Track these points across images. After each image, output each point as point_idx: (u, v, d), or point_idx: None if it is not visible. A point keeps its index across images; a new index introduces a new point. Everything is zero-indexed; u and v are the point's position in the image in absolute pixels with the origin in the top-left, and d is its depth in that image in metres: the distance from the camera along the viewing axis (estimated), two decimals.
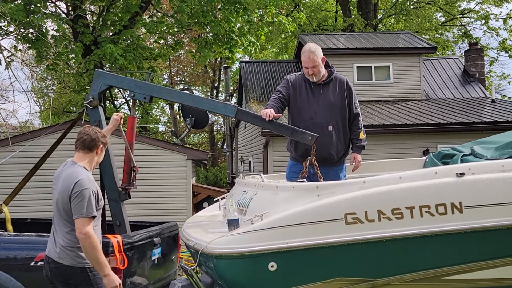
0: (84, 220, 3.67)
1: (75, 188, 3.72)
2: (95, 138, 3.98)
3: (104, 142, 4.07)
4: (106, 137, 4.11)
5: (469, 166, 3.89)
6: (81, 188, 3.72)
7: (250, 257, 3.62)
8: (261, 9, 16.00)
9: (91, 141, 3.97)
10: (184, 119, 5.93)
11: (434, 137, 13.25)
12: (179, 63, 33.88)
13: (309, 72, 5.00)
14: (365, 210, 3.61)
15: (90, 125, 4.32)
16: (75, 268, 3.77)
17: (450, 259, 3.73)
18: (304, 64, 5.01)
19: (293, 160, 5.26)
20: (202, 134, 37.48)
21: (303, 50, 5.04)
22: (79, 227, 3.65)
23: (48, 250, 3.91)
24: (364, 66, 15.97)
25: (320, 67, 5.02)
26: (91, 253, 3.68)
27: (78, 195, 3.70)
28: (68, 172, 3.87)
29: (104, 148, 4.11)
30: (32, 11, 12.77)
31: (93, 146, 3.98)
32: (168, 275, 5.75)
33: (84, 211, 3.67)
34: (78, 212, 3.68)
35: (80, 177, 3.78)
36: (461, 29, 27.17)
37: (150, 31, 15.30)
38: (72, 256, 3.77)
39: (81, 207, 3.68)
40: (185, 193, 11.09)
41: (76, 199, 3.70)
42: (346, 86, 5.17)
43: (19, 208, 8.72)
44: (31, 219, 6.87)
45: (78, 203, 3.69)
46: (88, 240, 3.64)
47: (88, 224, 3.67)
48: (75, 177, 3.78)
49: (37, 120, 32.56)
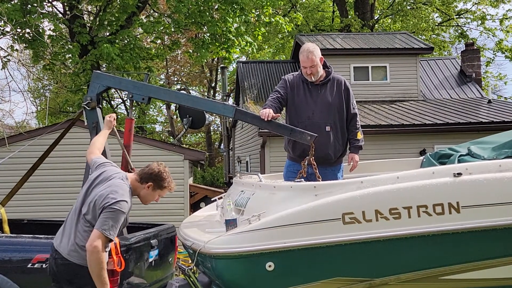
0: (102, 236, 3.57)
1: (115, 205, 3.62)
2: (157, 177, 3.90)
3: (161, 186, 3.95)
4: (166, 188, 4.00)
5: (466, 166, 3.90)
6: (120, 208, 3.63)
7: (248, 257, 3.62)
8: (258, 9, 16.00)
9: (150, 175, 3.90)
10: (181, 119, 5.92)
11: (431, 137, 13.28)
12: (176, 63, 33.84)
13: (308, 71, 5.00)
14: (363, 210, 3.62)
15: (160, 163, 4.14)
16: (83, 267, 3.67)
17: (448, 259, 3.73)
18: (303, 63, 5.01)
19: (290, 160, 5.26)
20: (199, 134, 37.47)
21: (302, 49, 5.03)
22: (93, 239, 3.56)
23: (57, 244, 3.79)
24: (361, 66, 15.99)
25: (318, 67, 5.02)
26: (94, 269, 3.58)
27: (113, 212, 3.60)
28: (117, 183, 3.78)
29: (155, 192, 3.97)
30: (28, 11, 12.75)
31: (148, 180, 3.90)
32: (165, 277, 5.74)
33: (108, 229, 3.58)
34: (101, 225, 3.58)
35: (125, 199, 3.70)
36: (458, 30, 27.23)
37: (147, 31, 15.27)
38: (83, 255, 3.67)
39: (108, 224, 3.58)
40: (182, 193, 11.07)
41: (108, 214, 3.60)
42: (344, 86, 5.16)
43: (16, 209, 8.70)
44: (28, 220, 6.85)
45: (107, 218, 3.59)
46: (95, 255, 3.55)
47: (102, 242, 3.57)
48: (120, 195, 3.69)
49: (33, 120, 32.51)
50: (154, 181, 3.93)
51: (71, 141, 9.28)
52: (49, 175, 9.95)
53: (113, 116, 4.78)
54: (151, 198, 4.00)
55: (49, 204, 10.11)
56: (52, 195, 10.27)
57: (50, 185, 10.30)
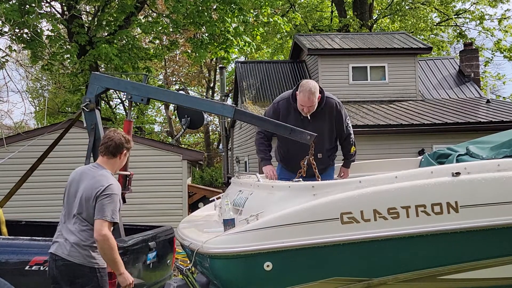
0: (106, 223, 3.70)
1: (107, 190, 3.76)
2: (120, 144, 3.99)
3: (128, 147, 4.08)
4: (130, 142, 4.11)
5: (464, 165, 3.90)
6: (112, 192, 3.78)
7: (246, 256, 3.61)
8: (257, 9, 16.00)
9: (115, 147, 3.98)
10: (179, 119, 5.91)
11: (429, 137, 13.28)
12: (174, 63, 33.82)
13: (304, 110, 4.94)
14: (361, 210, 3.62)
15: (115, 129, 4.28)
16: (84, 266, 3.76)
17: (446, 258, 3.73)
18: (302, 102, 4.90)
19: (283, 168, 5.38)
20: (197, 134, 37.44)
21: (303, 88, 4.87)
22: (99, 229, 3.67)
23: (55, 248, 3.86)
24: (359, 66, 15.98)
25: (315, 106, 4.95)
26: (109, 254, 3.71)
27: (107, 197, 3.73)
28: (98, 173, 3.89)
29: (127, 153, 4.12)
30: (26, 11, 12.74)
31: (117, 152, 3.99)
32: (164, 278, 5.73)
33: (109, 214, 3.71)
34: (101, 213, 3.70)
35: (112, 182, 3.84)
36: (456, 30, 27.23)
37: (145, 31, 15.28)
38: (84, 254, 3.77)
39: (107, 210, 3.71)
40: (180, 194, 11.06)
41: (104, 201, 3.72)
42: (336, 110, 5.11)
43: (14, 210, 8.69)
44: (26, 222, 6.83)
45: (104, 205, 3.72)
46: (107, 242, 3.67)
47: (109, 228, 3.71)
48: (105, 180, 3.82)
49: (32, 121, 32.47)
50: (125, 148, 4.04)
51: (70, 142, 9.27)
52: (48, 175, 9.92)
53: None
54: (125, 160, 4.16)
55: (48, 205, 10.08)
56: (50, 195, 10.22)
57: (49, 185, 10.27)
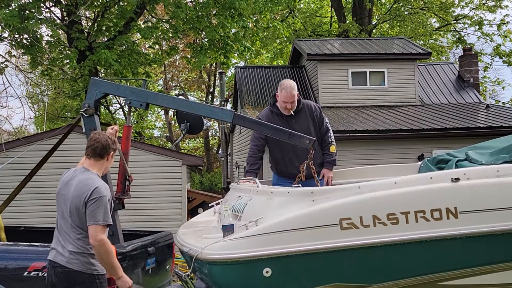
0: (99, 227, 3.66)
1: (93, 194, 3.71)
2: (106, 146, 3.97)
3: (115, 148, 4.07)
4: (116, 143, 4.11)
5: (464, 171, 3.89)
6: (99, 195, 3.72)
7: (245, 263, 3.60)
8: (256, 15, 16.03)
9: (102, 149, 3.96)
10: (179, 124, 5.91)
11: (429, 143, 13.27)
12: (174, 68, 33.83)
13: (288, 106, 5.22)
14: (360, 216, 3.61)
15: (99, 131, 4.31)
16: (84, 273, 3.74)
17: (446, 264, 3.72)
18: (285, 99, 5.20)
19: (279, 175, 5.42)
20: (197, 139, 37.43)
21: (284, 86, 5.22)
22: (94, 234, 3.64)
23: (54, 256, 3.84)
24: (359, 71, 15.99)
25: (296, 102, 5.26)
26: (106, 259, 3.69)
27: (95, 202, 3.69)
28: (82, 178, 3.85)
29: (114, 154, 4.11)
30: (26, 16, 12.76)
31: (104, 153, 3.97)
32: (162, 284, 5.71)
33: (101, 218, 3.67)
34: (93, 219, 3.67)
35: (98, 184, 3.79)
36: (456, 35, 27.25)
37: (145, 37, 15.28)
38: (83, 261, 3.75)
39: (98, 214, 3.67)
40: (179, 199, 11.05)
41: (93, 206, 3.69)
42: (315, 109, 5.42)
43: (12, 215, 8.67)
44: (24, 227, 6.81)
45: (94, 210, 3.68)
46: (103, 247, 3.65)
47: (103, 232, 3.68)
48: (91, 184, 3.78)
49: (31, 126, 32.44)
50: (112, 149, 4.04)
51: (69, 147, 9.26)
52: (47, 181, 9.89)
53: (115, 128, 4.79)
54: (112, 162, 4.14)
55: (47, 210, 10.03)
56: (50, 201, 10.14)
57: (48, 191, 10.21)
